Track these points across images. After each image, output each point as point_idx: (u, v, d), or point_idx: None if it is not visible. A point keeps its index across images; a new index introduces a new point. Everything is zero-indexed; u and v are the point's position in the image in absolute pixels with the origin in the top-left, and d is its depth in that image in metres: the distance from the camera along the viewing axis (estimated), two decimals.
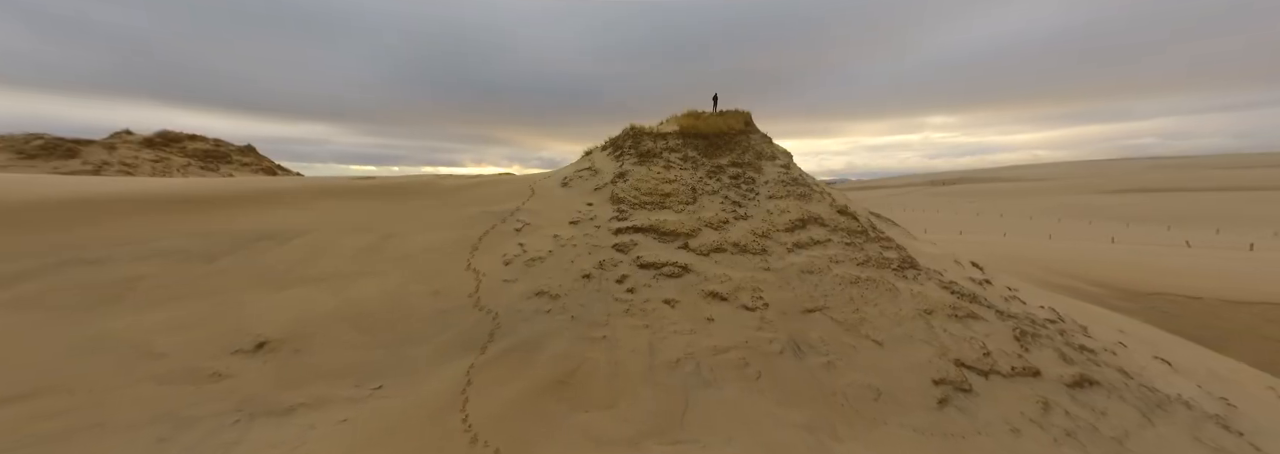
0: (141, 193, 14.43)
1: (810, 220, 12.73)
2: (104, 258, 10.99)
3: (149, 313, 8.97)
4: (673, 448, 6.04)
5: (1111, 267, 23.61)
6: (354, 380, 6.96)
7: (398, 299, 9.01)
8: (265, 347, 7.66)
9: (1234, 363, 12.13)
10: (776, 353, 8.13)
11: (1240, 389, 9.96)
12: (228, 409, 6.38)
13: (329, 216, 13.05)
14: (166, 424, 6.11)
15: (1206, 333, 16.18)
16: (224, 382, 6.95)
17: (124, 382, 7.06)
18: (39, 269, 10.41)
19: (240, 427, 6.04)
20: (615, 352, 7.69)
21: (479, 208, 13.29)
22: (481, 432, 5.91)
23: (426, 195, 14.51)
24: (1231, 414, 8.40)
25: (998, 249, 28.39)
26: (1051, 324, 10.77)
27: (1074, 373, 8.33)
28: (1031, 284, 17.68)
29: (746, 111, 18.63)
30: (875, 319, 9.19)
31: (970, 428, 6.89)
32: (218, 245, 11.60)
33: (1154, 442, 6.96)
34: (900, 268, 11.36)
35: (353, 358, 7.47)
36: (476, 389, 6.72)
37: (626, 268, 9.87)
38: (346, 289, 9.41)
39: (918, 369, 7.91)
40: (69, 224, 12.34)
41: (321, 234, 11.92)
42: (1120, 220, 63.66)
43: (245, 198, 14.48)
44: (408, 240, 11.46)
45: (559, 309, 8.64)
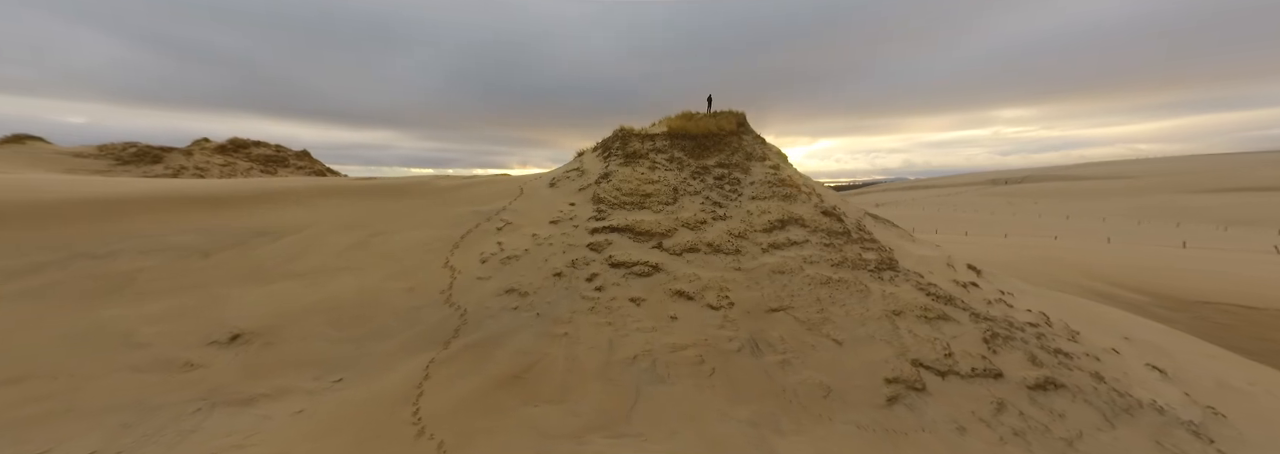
0: (157, 192, 14.86)
1: (790, 221, 12.58)
2: (111, 252, 11.34)
3: (141, 304, 9.23)
4: (615, 441, 6.01)
5: (1162, 273, 21.65)
6: (316, 373, 7.07)
7: (373, 295, 9.13)
8: (239, 339, 7.82)
9: (1275, 375, 11.42)
10: (734, 351, 8.05)
11: (1248, 401, 9.50)
12: (193, 398, 6.52)
13: (324, 215, 13.30)
14: (133, 411, 6.27)
15: (1262, 345, 14.75)
16: (195, 371, 7.11)
17: (104, 370, 7.28)
18: (52, 262, 10.78)
19: (200, 415, 6.18)
20: (574, 348, 7.69)
21: (468, 207, 13.42)
22: (429, 424, 5.95)
23: (420, 195, 14.70)
24: (1212, 423, 8.06)
25: (1033, 253, 26.62)
26: (1032, 328, 10.47)
27: (1039, 376, 8.08)
28: (1055, 290, 17.14)
29: (740, 112, 18.48)
30: (839, 319, 9.04)
31: (915, 425, 6.75)
32: (216, 241, 11.89)
33: (1108, 444, 6.73)
34: (877, 269, 11.16)
35: (320, 351, 7.59)
36: (433, 383, 6.78)
37: (598, 267, 9.87)
38: (327, 284, 9.57)
39: (873, 368, 7.76)
40: (87, 221, 12.76)
41: (313, 231, 12.15)
42: (1217, 223, 56.38)
43: (252, 197, 14.83)
44: (393, 238, 11.62)
45: (526, 306, 8.67)
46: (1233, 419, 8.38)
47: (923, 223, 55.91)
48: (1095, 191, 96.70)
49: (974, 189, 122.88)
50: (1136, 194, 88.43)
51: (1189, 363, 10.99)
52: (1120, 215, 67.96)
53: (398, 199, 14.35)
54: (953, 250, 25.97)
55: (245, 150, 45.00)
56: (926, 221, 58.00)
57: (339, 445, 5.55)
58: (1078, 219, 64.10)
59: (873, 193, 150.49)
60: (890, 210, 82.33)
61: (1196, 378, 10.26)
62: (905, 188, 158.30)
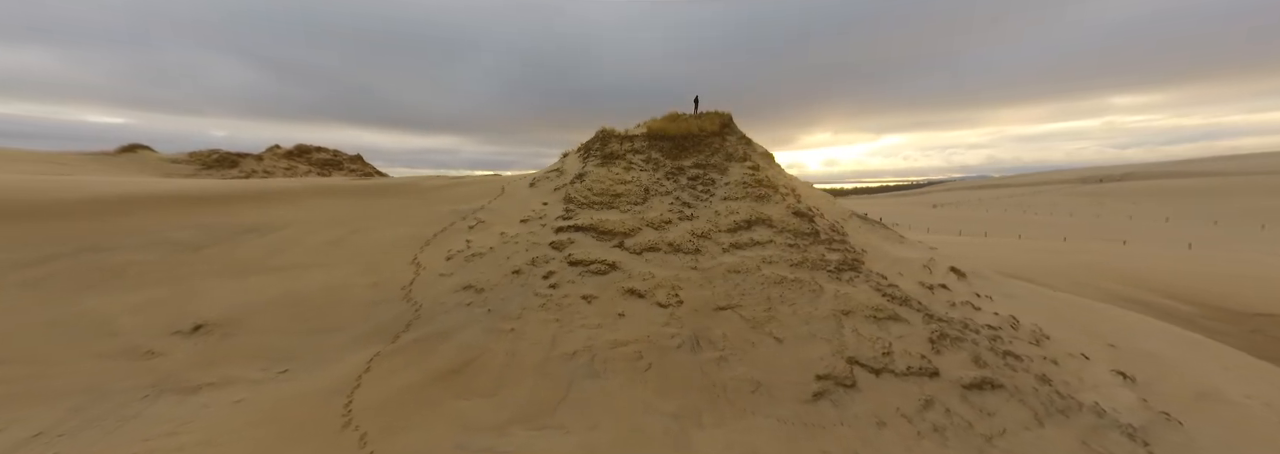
0: (166, 191, 15.23)
1: (758, 222, 12.40)
2: (112, 246, 11.63)
3: (124, 295, 9.45)
4: (536, 433, 5.98)
5: (1223, 283, 19.27)
6: (265, 364, 7.16)
7: (337, 289, 9.23)
8: (201, 329, 7.97)
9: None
10: (674, 347, 7.95)
11: (1228, 412, 9.02)
12: (144, 385, 6.66)
13: (313, 213, 13.49)
14: (87, 396, 6.42)
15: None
16: (154, 360, 7.26)
17: (74, 356, 7.47)
18: (57, 255, 11.09)
19: (146, 401, 6.30)
20: (518, 343, 7.68)
21: (449, 206, 13.50)
22: (357, 416, 5.98)
23: (406, 194, 14.83)
24: (1159, 428, 7.72)
25: (1073, 258, 24.31)
26: (990, 330, 10.16)
27: (978, 376, 7.84)
28: (1081, 297, 16.35)
29: (726, 113, 18.27)
30: (785, 318, 8.88)
31: (835, 419, 6.62)
32: (209, 237, 12.14)
33: (1030, 441, 6.53)
34: (837, 270, 10.94)
35: (274, 342, 7.69)
36: (372, 376, 6.82)
37: (556, 265, 9.84)
38: (298, 279, 9.70)
39: (806, 365, 7.61)
40: (98, 217, 13.11)
41: (298, 229, 12.33)
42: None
43: (252, 196, 15.11)
44: (370, 236, 11.73)
45: (480, 302, 8.68)
46: (1191, 427, 8.01)
47: (973, 225, 52.51)
48: (1215, 190, 78.10)
49: (1060, 188, 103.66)
50: (1266, 194, 70.92)
51: (1180, 373, 10.38)
52: (1236, 218, 56.36)
53: (384, 198, 14.50)
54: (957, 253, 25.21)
55: (307, 155, 47.56)
56: (977, 224, 54.24)
57: (265, 435, 5.61)
58: (1182, 222, 55.49)
59: (934, 192, 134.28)
60: (948, 212, 75.37)
61: (1175, 387, 9.78)
62: (974, 187, 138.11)
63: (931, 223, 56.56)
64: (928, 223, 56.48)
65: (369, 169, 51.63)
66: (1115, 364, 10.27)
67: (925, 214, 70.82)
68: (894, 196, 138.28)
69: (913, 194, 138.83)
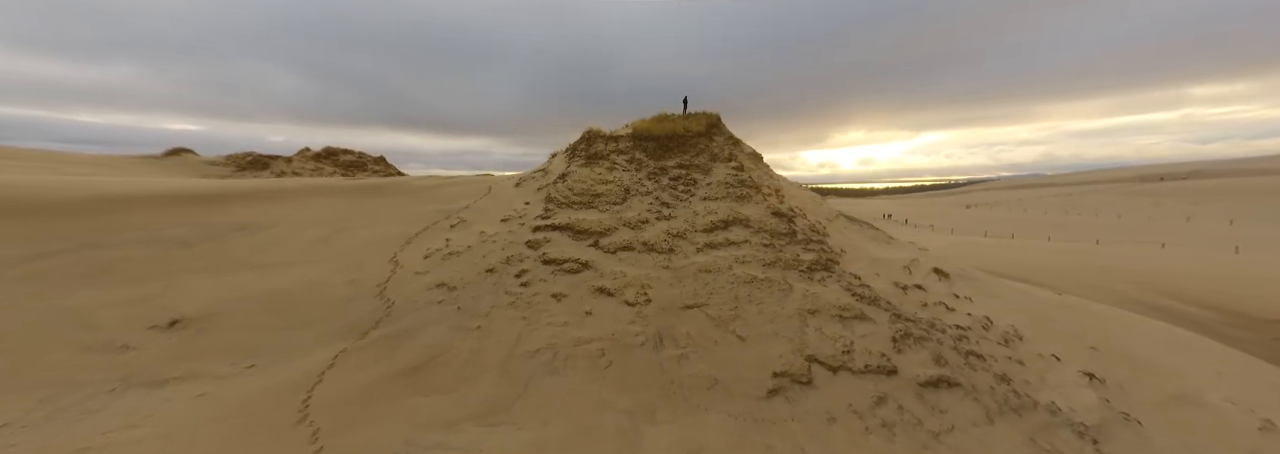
0: (166, 191, 15.34)
1: (735, 222, 12.30)
2: (108, 243, 11.72)
3: (111, 290, 9.52)
4: (488, 429, 5.95)
5: (1248, 286, 18.22)
6: (233, 359, 7.18)
7: (315, 286, 9.24)
8: (177, 324, 8.00)
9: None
10: (637, 345, 7.90)
11: (1199, 415, 8.80)
12: (113, 378, 6.69)
13: (303, 212, 13.54)
14: (58, 388, 6.46)
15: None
16: (127, 353, 7.30)
17: (54, 348, 7.52)
18: (56, 251, 11.18)
19: (113, 395, 6.33)
20: (483, 341, 7.65)
21: (435, 205, 13.50)
22: (314, 412, 5.97)
23: (396, 194, 14.85)
24: (1115, 428, 7.57)
25: (1088, 260, 23.33)
26: (959, 330, 10.02)
27: (936, 374, 7.74)
28: (1094, 299, 15.91)
29: (714, 114, 18.13)
30: (751, 317, 8.79)
31: (787, 415, 6.56)
32: (201, 234, 12.21)
33: (978, 438, 6.44)
34: (810, 270, 10.83)
35: (246, 338, 7.71)
36: (335, 372, 6.81)
37: (530, 263, 9.80)
38: (279, 276, 9.73)
39: (765, 363, 7.54)
40: (101, 215, 13.23)
41: (287, 227, 12.38)
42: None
43: (249, 195, 15.19)
44: (355, 234, 11.75)
45: (451, 300, 8.66)
46: (1152, 428, 7.86)
47: (1003, 226, 49.81)
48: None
49: (1115, 187, 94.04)
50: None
51: (1160, 376, 10.08)
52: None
53: (375, 197, 14.53)
54: (966, 254, 24.51)
55: (334, 157, 48.48)
56: (1008, 225, 51.17)
57: (220, 430, 5.61)
58: (1243, 224, 50.80)
59: (973, 192, 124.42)
60: (981, 212, 70.83)
61: (1148, 390, 9.56)
62: (1018, 187, 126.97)
63: (959, 224, 54.17)
64: (955, 224, 54.04)
65: (391, 170, 52.18)
66: (1088, 366, 10.08)
67: (956, 215, 67.90)
68: (928, 196, 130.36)
69: (948, 194, 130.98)
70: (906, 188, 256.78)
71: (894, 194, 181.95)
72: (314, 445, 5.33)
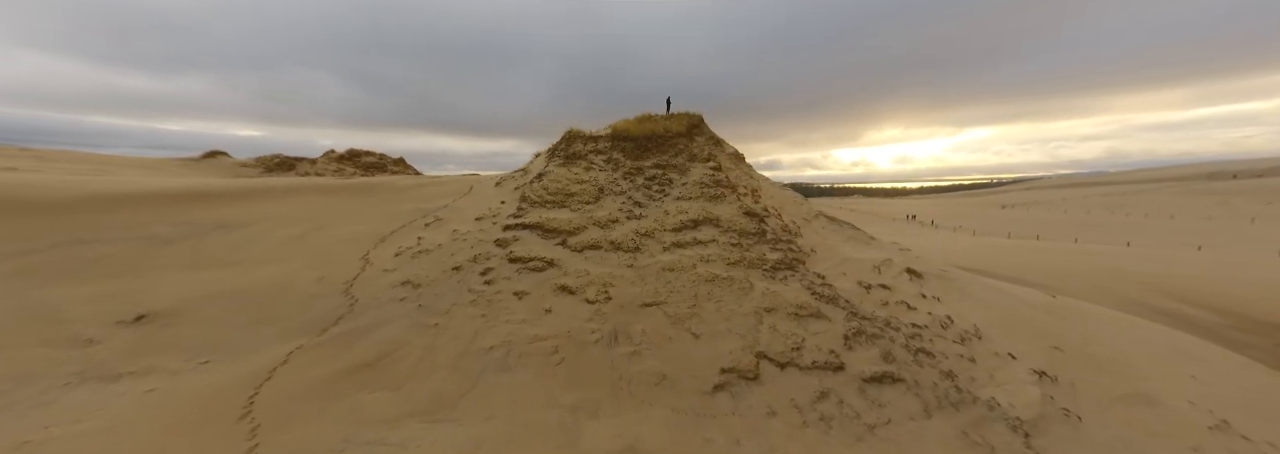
0: (157, 190, 15.27)
1: (705, 221, 12.19)
2: (95, 240, 11.67)
3: (87, 285, 9.46)
4: (429, 426, 5.87)
5: (1266, 290, 17.39)
6: (190, 354, 7.11)
7: (283, 283, 9.17)
8: (143, 319, 7.94)
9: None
10: (592, 342, 7.81)
11: (1146, 414, 8.61)
12: (70, 373, 6.63)
13: (286, 210, 13.47)
14: (15, 382, 6.40)
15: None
16: (91, 348, 7.24)
17: (22, 342, 7.46)
18: (44, 247, 11.13)
19: (67, 389, 6.27)
20: (439, 338, 7.57)
21: (415, 205, 13.42)
22: (258, 408, 5.91)
23: (379, 192, 14.77)
24: (1051, 423, 7.42)
25: (1098, 262, 22.48)
26: (915, 328, 9.90)
27: (881, 370, 7.66)
28: (1097, 302, 15.53)
29: (697, 114, 17.97)
30: (708, 314, 8.70)
31: (729, 410, 6.49)
32: (183, 232, 12.15)
33: (912, 431, 6.39)
34: (774, 269, 10.73)
35: (207, 334, 7.64)
36: (287, 368, 6.74)
37: (496, 261, 9.72)
38: (250, 272, 9.66)
39: (715, 359, 7.46)
40: (93, 213, 13.18)
41: (266, 225, 12.31)
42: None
43: (236, 194, 15.12)
44: (331, 232, 11.68)
45: (414, 298, 8.58)
46: (1093, 424, 7.77)
47: (1032, 227, 46.68)
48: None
49: (1176, 186, 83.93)
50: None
51: (1120, 376, 9.78)
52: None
53: (358, 196, 14.45)
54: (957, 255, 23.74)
55: (356, 159, 48.79)
56: (1038, 226, 47.96)
57: (162, 425, 5.55)
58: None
59: (1012, 191, 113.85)
60: (1016, 213, 66.43)
61: (1103, 389, 9.38)
62: (1064, 185, 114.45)
63: (987, 225, 50.91)
64: (983, 225, 51.11)
65: (409, 171, 52.08)
66: (1043, 365, 9.94)
67: (987, 215, 63.52)
68: (966, 196, 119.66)
69: (989, 193, 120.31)
70: (944, 187, 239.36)
71: (929, 194, 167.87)
72: (251, 441, 5.26)
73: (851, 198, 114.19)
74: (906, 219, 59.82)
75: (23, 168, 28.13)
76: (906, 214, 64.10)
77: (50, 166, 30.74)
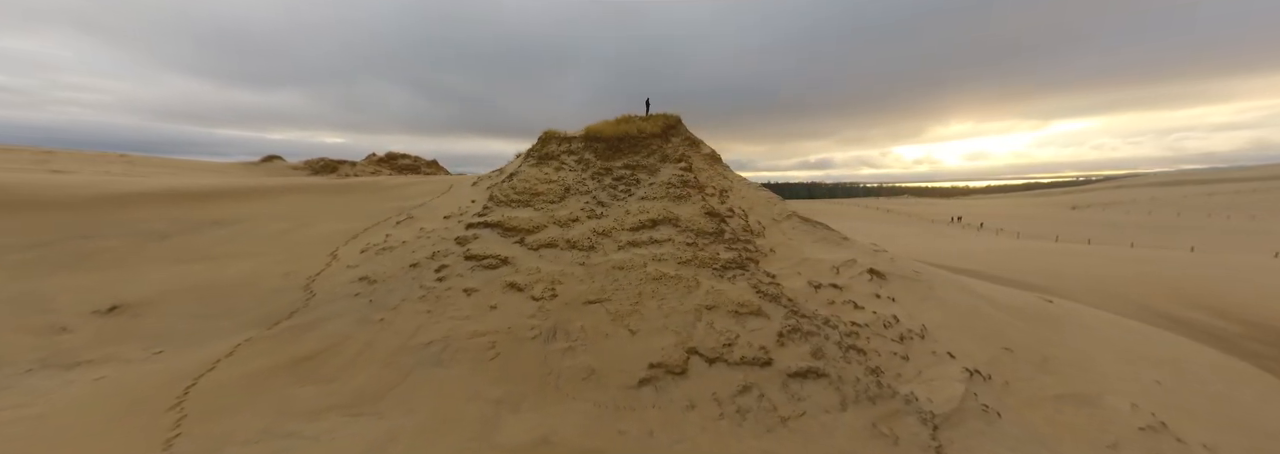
0: (162, 188, 15.52)
1: (664, 221, 11.99)
2: (97, 235, 11.90)
3: (79, 276, 9.64)
4: (350, 419, 5.85)
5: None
6: (148, 344, 7.19)
7: (252, 278, 9.24)
8: (116, 310, 8.05)
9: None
10: (530, 338, 7.73)
11: (1081, 412, 8.33)
12: (37, 359, 6.75)
13: (278, 208, 13.59)
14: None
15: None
16: (62, 336, 7.36)
17: (3, 328, 7.62)
18: (50, 241, 11.38)
19: (26, 375, 6.38)
20: (381, 333, 7.55)
21: (395, 203, 13.44)
22: (191, 398, 5.94)
23: (367, 192, 14.83)
24: (963, 417, 7.13)
25: (1139, 269, 20.95)
26: (855, 327, 9.63)
27: (806, 366, 7.46)
28: (1103, 308, 14.82)
29: (674, 116, 17.59)
30: (649, 312, 8.56)
31: (650, 403, 6.39)
32: (179, 228, 12.33)
33: (823, 423, 6.25)
34: (724, 268, 10.51)
35: (170, 324, 7.73)
36: (232, 360, 6.78)
37: (453, 259, 9.67)
38: (226, 267, 9.75)
39: (646, 354, 7.33)
40: (98, 210, 13.44)
41: (256, 222, 12.43)
42: None
43: (238, 193, 15.31)
44: (313, 229, 11.74)
45: (367, 293, 8.58)
46: (1012, 420, 7.50)
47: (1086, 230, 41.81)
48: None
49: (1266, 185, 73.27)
50: None
51: (1065, 378, 9.34)
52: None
53: (345, 195, 14.52)
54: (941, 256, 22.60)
55: (393, 161, 48.77)
56: (1095, 229, 43.70)
57: (98, 412, 5.61)
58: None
59: (1094, 190, 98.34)
60: (1083, 214, 59.98)
61: (1039, 389, 9.02)
62: (1160, 183, 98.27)
63: (1039, 227, 45.47)
64: (1035, 227, 45.59)
65: (441, 172, 52.24)
66: (982, 365, 9.60)
67: (1046, 217, 56.85)
68: (1036, 196, 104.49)
69: (1066, 192, 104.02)
70: (1017, 186, 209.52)
71: (997, 193, 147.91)
72: (174, 431, 5.29)
73: (900, 198, 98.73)
74: (951, 221, 52.95)
75: (93, 171, 28.46)
76: (952, 216, 56.68)
77: (134, 170, 31.17)
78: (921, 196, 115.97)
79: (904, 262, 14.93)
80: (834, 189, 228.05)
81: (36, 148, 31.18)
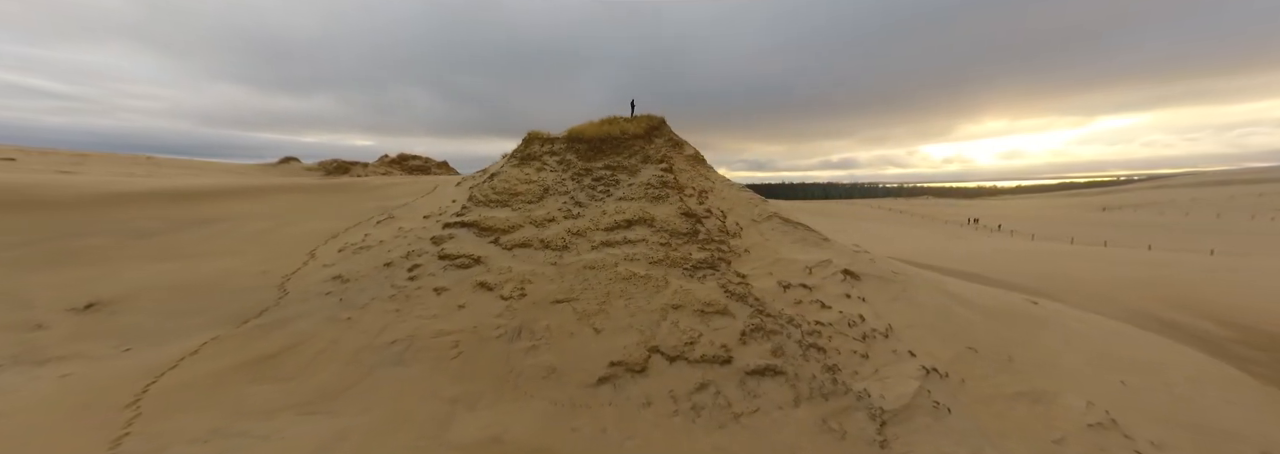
0: (154, 189, 15.41)
1: (640, 221, 11.87)
2: (86, 233, 11.81)
3: (62, 273, 9.56)
4: (303, 418, 5.78)
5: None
6: (118, 342, 7.11)
7: (229, 276, 9.15)
8: (92, 307, 7.98)
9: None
10: (494, 337, 7.65)
11: (1031, 410, 8.24)
12: (9, 355, 6.68)
13: (264, 208, 13.50)
14: None
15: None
16: (36, 332, 7.29)
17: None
18: (42, 239, 11.30)
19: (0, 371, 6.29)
20: (347, 332, 7.47)
21: (378, 203, 13.34)
22: (148, 397, 5.87)
23: (352, 192, 14.72)
24: (913, 413, 7.02)
25: (1142, 272, 20.45)
26: (819, 326, 9.50)
27: (765, 364, 7.38)
28: (1100, 312, 14.53)
29: (658, 117, 17.39)
30: (615, 311, 8.46)
31: (606, 401, 6.33)
32: (165, 226, 12.24)
33: (776, 419, 6.21)
34: (695, 268, 10.40)
35: (143, 321, 7.65)
36: (197, 358, 6.70)
37: (427, 258, 9.57)
38: (205, 265, 9.67)
39: (608, 353, 7.25)
40: (90, 209, 13.35)
41: (242, 221, 12.34)
42: None
43: (226, 192, 15.20)
44: (295, 228, 11.65)
45: (338, 292, 8.49)
46: (961, 416, 7.39)
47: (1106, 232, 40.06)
48: None
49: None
50: None
51: (1023, 377, 9.25)
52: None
53: (331, 195, 14.42)
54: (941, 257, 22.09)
55: (404, 163, 48.74)
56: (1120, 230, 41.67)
57: (56, 409, 5.53)
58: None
59: (1132, 190, 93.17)
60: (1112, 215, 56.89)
61: (994, 387, 8.91)
62: (1208, 183, 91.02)
63: (1059, 229, 43.26)
64: (1053, 229, 43.62)
65: (451, 172, 51.90)
66: (942, 363, 9.47)
67: (1071, 218, 54.63)
68: (1069, 196, 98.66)
69: (1101, 192, 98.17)
70: (1050, 186, 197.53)
71: (1027, 193, 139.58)
72: (125, 430, 5.22)
73: (919, 199, 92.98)
74: (967, 223, 50.66)
75: (116, 172, 28.06)
76: (970, 217, 54.22)
77: (158, 171, 31.01)
78: (942, 197, 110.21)
79: (883, 262, 14.77)
80: (851, 189, 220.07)
81: (72, 151, 31.04)
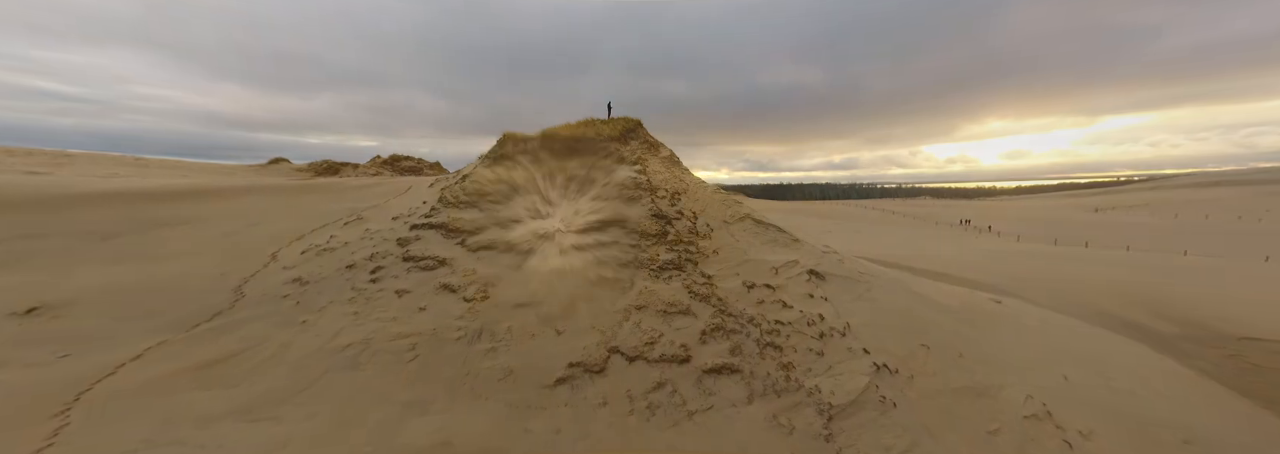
0: (121, 189, 14.72)
1: (612, 222, 11.70)
2: (47, 234, 11.20)
3: (8, 276, 9.00)
4: (244, 425, 5.48)
5: (1235, 304, 15.92)
6: (57, 347, 6.70)
7: (186, 278, 8.73)
8: (35, 311, 7.52)
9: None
10: (454, 340, 7.41)
11: (975, 405, 8.31)
12: None
13: (234, 208, 12.98)
14: None
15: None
16: None
17: None
18: (5, 239, 10.62)
19: None
20: (300, 336, 7.16)
21: (350, 204, 12.92)
22: (79, 405, 5.52)
23: (325, 193, 14.26)
24: (862, 408, 7.04)
25: (1095, 271, 20.66)
26: (779, 325, 9.42)
27: (722, 362, 7.30)
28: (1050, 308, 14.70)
29: (634, 119, 17.23)
30: (578, 313, 8.30)
31: (563, 401, 6.19)
32: (130, 228, 11.67)
33: (728, 415, 6.19)
34: (661, 269, 10.27)
35: (86, 326, 7.23)
36: (138, 363, 6.34)
37: (391, 260, 9.27)
38: (160, 267, 9.22)
39: (567, 354, 7.08)
40: (55, 211, 12.66)
41: (209, 222, 11.83)
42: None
43: (195, 193, 14.59)
44: (261, 230, 11.21)
45: (296, 295, 8.15)
46: (906, 410, 7.39)
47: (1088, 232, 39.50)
48: None
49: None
50: None
51: (970, 373, 9.44)
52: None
53: (302, 196, 13.94)
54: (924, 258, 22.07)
55: (396, 163, 46.53)
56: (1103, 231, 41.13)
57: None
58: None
59: (1128, 191, 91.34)
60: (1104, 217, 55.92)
61: (942, 383, 8.98)
62: (1190, 185, 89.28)
63: (1046, 230, 42.39)
64: (1040, 230, 42.77)
65: (444, 173, 50.41)
66: (894, 359, 9.49)
67: (1061, 219, 53.33)
68: (1064, 197, 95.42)
69: (1097, 193, 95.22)
70: (1049, 186, 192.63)
71: (1026, 194, 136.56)
72: (48, 441, 4.87)
73: (917, 199, 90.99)
74: (959, 223, 50.01)
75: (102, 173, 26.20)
76: (961, 218, 53.31)
77: (143, 172, 29.32)
78: (940, 198, 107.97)
79: (852, 263, 14.80)
80: (848, 190, 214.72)
81: (56, 150, 29.37)
